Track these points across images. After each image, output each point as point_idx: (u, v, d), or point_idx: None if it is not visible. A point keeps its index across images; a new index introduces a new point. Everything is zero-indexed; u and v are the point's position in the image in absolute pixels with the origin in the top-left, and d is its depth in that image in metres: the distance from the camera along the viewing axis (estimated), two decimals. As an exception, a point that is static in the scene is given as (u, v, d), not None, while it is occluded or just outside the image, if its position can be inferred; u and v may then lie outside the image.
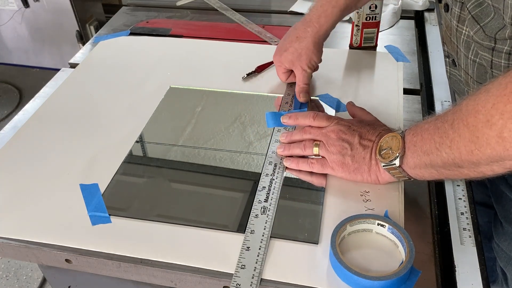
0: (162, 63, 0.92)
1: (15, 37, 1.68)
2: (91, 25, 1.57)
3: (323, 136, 0.63)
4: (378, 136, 0.60)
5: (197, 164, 0.71)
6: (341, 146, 0.61)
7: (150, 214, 0.62)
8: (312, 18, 0.76)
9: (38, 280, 1.55)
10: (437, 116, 0.52)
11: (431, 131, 0.52)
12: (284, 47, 0.78)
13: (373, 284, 0.49)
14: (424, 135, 0.53)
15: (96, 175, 0.67)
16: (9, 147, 0.73)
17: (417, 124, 0.56)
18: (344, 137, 0.61)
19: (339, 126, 0.63)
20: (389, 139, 0.58)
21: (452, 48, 0.72)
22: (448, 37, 0.73)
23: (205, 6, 1.16)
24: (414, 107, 0.79)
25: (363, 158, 0.60)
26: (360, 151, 0.60)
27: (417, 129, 0.55)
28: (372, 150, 0.60)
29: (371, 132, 0.61)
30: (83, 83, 0.87)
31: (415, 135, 0.54)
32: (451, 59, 0.75)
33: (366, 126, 0.62)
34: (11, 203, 0.63)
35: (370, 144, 0.60)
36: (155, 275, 0.56)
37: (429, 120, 0.53)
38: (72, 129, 0.76)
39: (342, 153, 0.61)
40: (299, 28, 0.77)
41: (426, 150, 0.52)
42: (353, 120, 0.65)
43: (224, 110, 0.81)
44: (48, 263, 0.60)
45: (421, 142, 0.53)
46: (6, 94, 2.33)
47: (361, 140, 0.60)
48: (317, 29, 0.75)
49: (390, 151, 0.57)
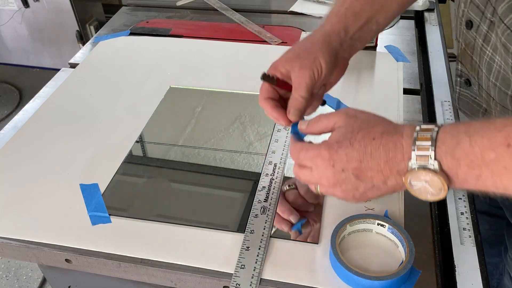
0: (162, 63, 0.92)
1: (15, 37, 1.68)
2: (91, 25, 1.57)
3: (317, 182, 0.49)
4: (387, 165, 0.43)
5: (197, 164, 0.71)
6: (347, 192, 0.47)
7: (150, 214, 0.62)
8: (323, 20, 0.59)
9: (38, 280, 1.55)
10: (502, 134, 0.37)
11: (508, 165, 0.37)
12: (287, 50, 0.57)
13: (373, 284, 0.49)
14: (494, 168, 0.38)
15: (96, 175, 0.67)
16: (9, 147, 0.73)
17: (459, 141, 0.39)
18: (342, 186, 0.47)
19: (322, 170, 0.47)
20: (418, 174, 0.42)
21: (471, 68, 0.66)
22: (467, 56, 0.66)
23: (205, 6, 1.16)
24: (414, 107, 0.79)
25: (378, 190, 0.46)
26: (369, 186, 0.46)
27: (473, 156, 0.39)
28: (387, 183, 0.45)
29: (366, 161, 0.44)
30: (83, 83, 0.87)
31: (474, 166, 0.39)
32: (463, 79, 0.69)
33: (352, 155, 0.45)
34: (11, 203, 0.63)
35: (377, 177, 0.45)
36: (155, 275, 0.56)
37: (488, 141, 0.38)
38: (72, 129, 0.76)
39: (349, 196, 0.48)
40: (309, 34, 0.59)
41: (505, 186, 0.38)
42: (332, 152, 0.46)
43: (224, 110, 0.81)
44: (48, 263, 0.60)
45: (491, 177, 0.38)
46: (6, 94, 2.33)
47: (361, 178, 0.45)
48: (328, 27, 0.57)
49: (426, 188, 0.42)
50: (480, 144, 0.38)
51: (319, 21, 0.60)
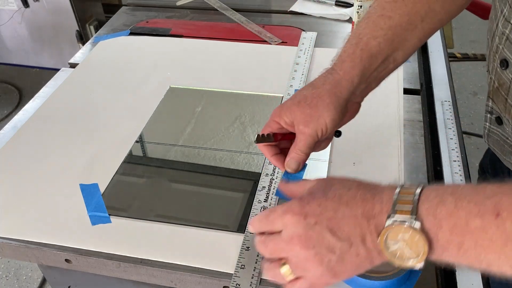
0: (162, 63, 0.92)
1: (15, 37, 1.68)
2: (91, 25, 1.57)
3: (287, 252, 0.42)
4: (364, 216, 0.39)
5: (197, 164, 0.71)
6: (320, 257, 0.40)
7: (150, 214, 0.62)
8: (335, 65, 0.52)
9: (38, 280, 1.55)
10: (491, 201, 0.34)
11: (495, 238, 0.33)
12: (293, 96, 0.52)
13: (373, 284, 0.49)
14: (479, 238, 0.34)
15: (96, 175, 0.67)
16: (9, 147, 0.73)
17: (444, 202, 0.36)
18: (314, 244, 0.40)
19: (292, 225, 0.41)
20: (396, 231, 0.37)
21: (504, 109, 0.58)
22: (501, 96, 0.58)
23: (205, 6, 1.16)
24: (414, 107, 0.79)
25: (356, 255, 0.39)
26: (347, 249, 0.39)
27: (456, 220, 0.35)
28: (365, 241, 0.39)
29: (341, 211, 0.40)
30: (83, 83, 0.87)
31: (457, 232, 0.35)
32: (494, 116, 0.62)
33: (326, 205, 0.41)
34: (11, 203, 0.63)
35: (354, 233, 0.39)
36: (155, 275, 0.56)
37: (474, 206, 0.34)
38: (72, 129, 0.76)
39: (324, 264, 0.40)
40: (318, 77, 0.53)
41: (489, 262, 0.34)
42: (304, 204, 0.42)
43: (224, 110, 0.81)
44: (48, 263, 0.60)
45: (474, 248, 0.34)
46: (6, 94, 2.33)
47: (337, 233, 0.39)
48: (339, 76, 0.51)
49: (404, 249, 0.37)
50: (466, 208, 0.34)
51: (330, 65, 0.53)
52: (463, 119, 2.07)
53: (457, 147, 0.71)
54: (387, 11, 0.53)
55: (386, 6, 0.53)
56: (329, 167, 0.67)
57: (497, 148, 0.64)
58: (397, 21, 0.52)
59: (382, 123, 0.74)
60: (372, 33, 0.52)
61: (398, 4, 0.53)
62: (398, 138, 0.71)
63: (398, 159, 0.67)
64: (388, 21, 0.52)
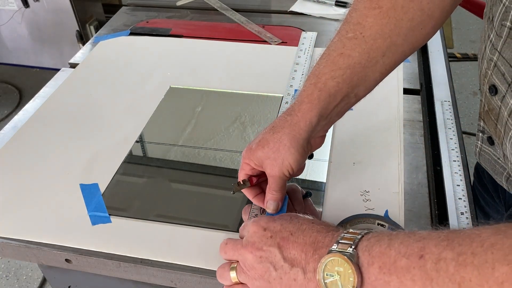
0: (162, 63, 0.92)
1: (15, 37, 1.68)
2: (91, 25, 1.57)
3: (238, 256, 0.46)
4: (312, 246, 0.42)
5: (197, 164, 0.71)
6: (262, 268, 0.44)
7: (150, 214, 0.62)
8: (294, 105, 0.53)
9: (38, 280, 1.55)
10: (419, 244, 0.36)
11: (416, 278, 0.35)
12: (256, 139, 0.54)
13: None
14: (403, 278, 0.36)
15: (96, 175, 0.67)
16: (9, 147, 0.73)
17: (380, 242, 0.38)
18: (262, 254, 0.44)
19: (252, 234, 0.46)
20: (335, 262, 0.39)
21: (495, 133, 0.58)
22: (491, 121, 0.58)
23: (205, 6, 1.16)
24: (414, 107, 0.79)
25: (293, 279, 0.42)
26: (287, 270, 0.42)
27: (386, 259, 0.37)
28: (306, 269, 0.42)
29: (297, 236, 0.44)
30: (83, 83, 0.87)
31: (385, 271, 0.37)
32: (486, 136, 0.62)
33: (287, 226, 0.45)
34: (11, 203, 0.63)
35: (299, 257, 0.42)
36: (155, 275, 0.56)
37: (404, 248, 0.36)
38: (72, 129, 0.76)
39: (265, 277, 0.44)
40: (279, 117, 0.54)
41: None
42: (270, 220, 0.47)
43: (224, 110, 0.81)
44: (48, 263, 0.60)
45: (399, 287, 0.36)
46: (6, 94, 2.33)
47: (284, 253, 0.43)
48: (298, 118, 0.51)
49: (338, 282, 0.39)
50: (397, 249, 0.37)
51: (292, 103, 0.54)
52: (463, 119, 2.07)
53: (457, 147, 0.71)
54: (347, 49, 0.52)
55: (346, 44, 0.52)
56: (329, 167, 0.67)
57: (489, 167, 0.65)
58: (357, 60, 0.51)
59: (382, 123, 0.74)
60: (331, 73, 0.51)
61: (358, 41, 0.52)
62: (398, 138, 0.71)
63: (398, 159, 0.67)
64: (347, 59, 0.51)
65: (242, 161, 0.55)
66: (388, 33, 0.51)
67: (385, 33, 0.51)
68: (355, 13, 0.53)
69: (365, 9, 0.52)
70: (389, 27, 0.51)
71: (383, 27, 0.51)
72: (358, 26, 0.52)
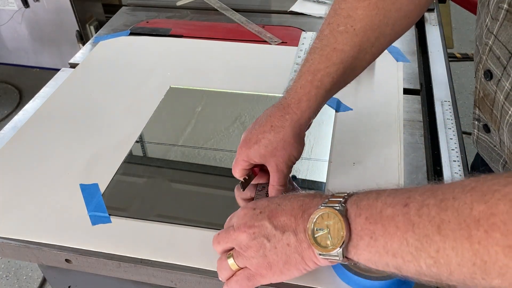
0: (162, 63, 0.92)
1: (15, 37, 1.68)
2: (91, 25, 1.57)
3: (233, 241, 0.47)
4: (301, 208, 0.44)
5: (197, 164, 0.71)
6: (257, 243, 0.45)
7: (150, 214, 0.62)
8: (291, 102, 0.55)
9: (38, 280, 1.55)
10: (405, 195, 0.37)
11: (400, 225, 0.36)
12: (255, 138, 0.55)
13: (373, 284, 0.49)
14: (387, 226, 0.37)
15: (96, 175, 0.67)
16: (9, 147, 0.73)
17: (368, 196, 0.40)
18: (254, 230, 0.45)
19: (242, 217, 0.47)
20: (324, 216, 0.41)
21: (491, 119, 0.58)
22: (487, 107, 0.58)
23: (205, 6, 1.16)
24: (414, 107, 0.79)
25: (287, 245, 0.43)
26: (280, 237, 0.44)
27: (373, 210, 0.38)
28: (297, 230, 0.43)
29: (284, 205, 0.45)
30: (83, 83, 0.87)
31: (371, 221, 0.38)
32: (482, 124, 0.62)
33: (274, 200, 0.47)
34: (11, 203, 0.63)
35: (288, 222, 0.44)
36: (155, 275, 0.56)
37: (391, 199, 0.38)
38: (72, 129, 0.76)
39: (260, 252, 0.45)
40: (274, 115, 0.56)
41: (393, 250, 0.37)
42: (257, 201, 0.50)
43: (224, 110, 0.81)
44: (48, 263, 0.60)
45: (383, 235, 0.37)
46: (6, 94, 2.33)
47: (274, 222, 0.44)
48: (297, 116, 0.54)
49: (328, 235, 0.41)
50: (383, 200, 0.38)
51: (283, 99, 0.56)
52: (463, 119, 2.07)
53: (457, 147, 0.71)
54: (339, 44, 0.54)
55: (338, 38, 0.54)
56: (329, 167, 0.67)
57: (486, 155, 0.65)
58: (349, 53, 0.54)
59: (382, 123, 0.74)
60: (326, 70, 0.54)
61: (349, 35, 0.53)
62: (398, 138, 0.71)
63: (398, 159, 0.67)
64: (340, 54, 0.54)
65: (239, 157, 0.57)
66: (377, 24, 0.54)
67: (374, 25, 0.54)
68: (345, 4, 0.54)
69: (355, 1, 0.53)
70: (378, 18, 0.53)
71: (373, 19, 0.53)
72: (349, 19, 0.54)
